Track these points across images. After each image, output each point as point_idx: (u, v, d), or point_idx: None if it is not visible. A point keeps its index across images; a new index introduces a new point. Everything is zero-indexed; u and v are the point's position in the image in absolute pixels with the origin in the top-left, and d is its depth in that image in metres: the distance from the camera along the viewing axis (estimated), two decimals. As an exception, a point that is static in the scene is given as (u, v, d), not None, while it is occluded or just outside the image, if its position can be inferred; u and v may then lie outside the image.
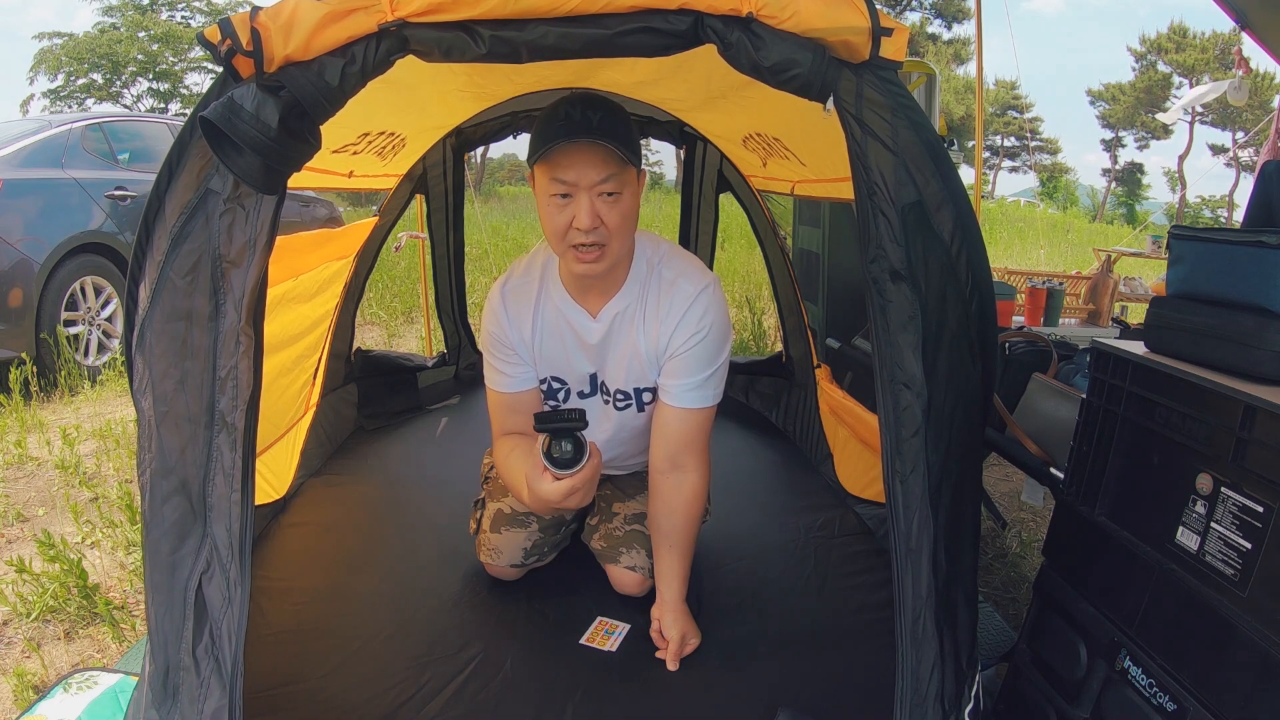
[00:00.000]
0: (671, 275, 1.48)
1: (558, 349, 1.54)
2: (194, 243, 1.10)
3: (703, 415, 1.50)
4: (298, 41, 1.04)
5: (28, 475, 2.82)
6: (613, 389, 1.57)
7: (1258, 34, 3.15)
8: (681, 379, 1.47)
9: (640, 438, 1.65)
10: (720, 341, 1.48)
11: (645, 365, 1.52)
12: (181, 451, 1.11)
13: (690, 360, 1.46)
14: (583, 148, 1.29)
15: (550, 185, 1.33)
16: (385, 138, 2.16)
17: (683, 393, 1.48)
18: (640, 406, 1.58)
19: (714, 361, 1.47)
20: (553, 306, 1.52)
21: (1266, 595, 0.97)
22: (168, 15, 21.80)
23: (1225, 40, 24.10)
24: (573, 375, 1.58)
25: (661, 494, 1.53)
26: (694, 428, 1.50)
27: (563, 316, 1.52)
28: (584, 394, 1.60)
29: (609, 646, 1.55)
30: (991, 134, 31.44)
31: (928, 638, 1.14)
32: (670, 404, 1.49)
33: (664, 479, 1.53)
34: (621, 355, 1.52)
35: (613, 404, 1.59)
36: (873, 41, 1.10)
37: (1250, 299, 1.11)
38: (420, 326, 4.98)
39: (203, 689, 1.09)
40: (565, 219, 1.33)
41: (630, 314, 1.49)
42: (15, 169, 3.81)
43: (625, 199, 1.34)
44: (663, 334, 1.47)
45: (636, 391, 1.56)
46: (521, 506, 1.72)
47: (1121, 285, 3.83)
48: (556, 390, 1.60)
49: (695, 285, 1.46)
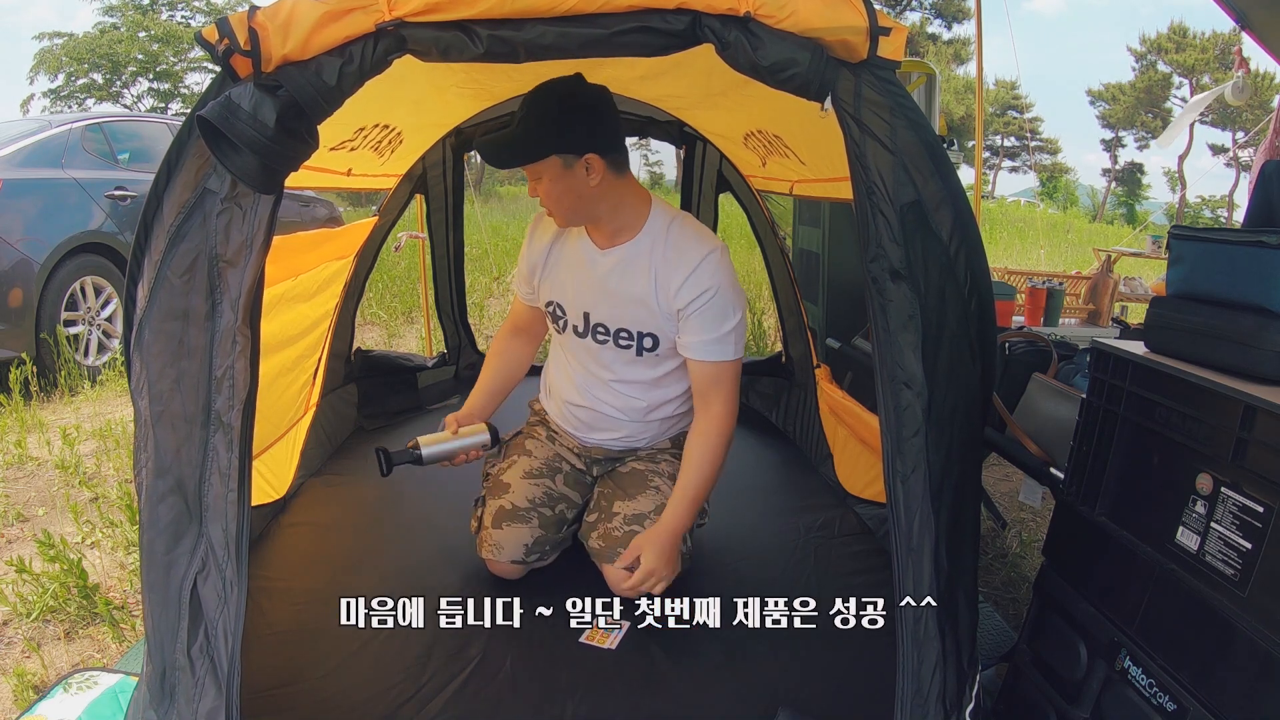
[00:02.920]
0: (680, 235, 1.63)
1: (565, 274, 1.73)
2: (191, 242, 1.10)
3: (725, 366, 1.63)
4: (295, 41, 1.04)
5: (28, 475, 2.82)
6: (613, 328, 1.70)
7: (1258, 34, 3.15)
8: (699, 335, 1.61)
9: (638, 396, 1.75)
10: (731, 301, 1.61)
11: (653, 312, 1.64)
12: (177, 451, 1.11)
13: (704, 318, 1.60)
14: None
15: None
16: (380, 130, 2.15)
17: (702, 347, 1.62)
18: (639, 350, 1.69)
19: (728, 319, 1.60)
20: (573, 237, 1.73)
21: (1266, 595, 0.97)
22: (168, 15, 21.79)
23: (1225, 40, 24.06)
24: (571, 308, 1.74)
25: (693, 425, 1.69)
26: (718, 374, 1.64)
27: (580, 246, 1.71)
28: (579, 331, 1.74)
29: (609, 645, 1.55)
30: (991, 134, 31.42)
31: (929, 637, 1.14)
32: (693, 358, 1.64)
33: (696, 415, 1.69)
34: (629, 296, 1.65)
35: (612, 342, 1.70)
36: (871, 41, 1.10)
37: (1250, 299, 1.10)
38: (420, 326, 4.98)
39: (198, 689, 1.09)
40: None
41: (640, 261, 1.64)
42: (15, 169, 3.81)
43: (545, 181, 1.56)
44: (672, 285, 1.60)
45: (639, 335, 1.68)
46: (523, 502, 1.75)
47: (1121, 285, 3.82)
48: (559, 317, 1.77)
49: (704, 247, 1.61)
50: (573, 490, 1.83)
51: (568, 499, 1.82)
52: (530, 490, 1.78)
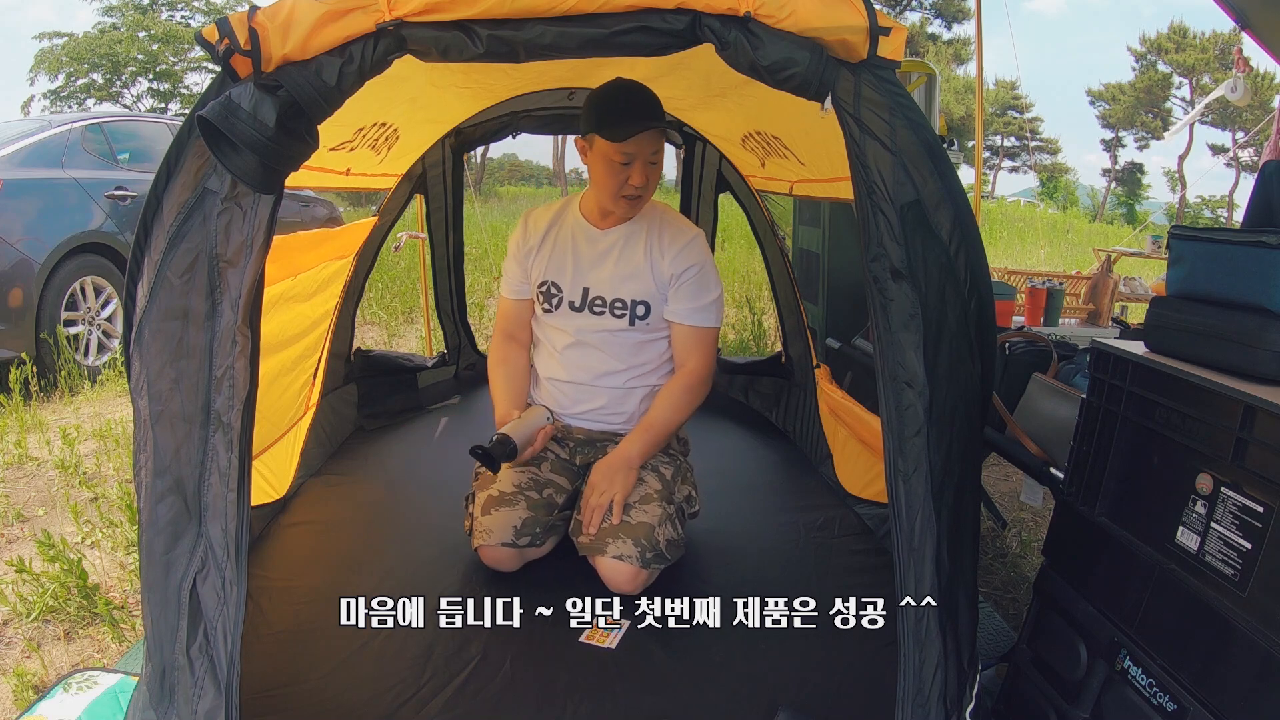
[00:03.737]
0: (670, 218, 1.90)
1: (563, 255, 1.88)
2: (191, 242, 1.10)
3: (704, 331, 1.85)
4: (295, 41, 1.04)
5: (28, 475, 2.82)
6: (610, 299, 1.84)
7: (1258, 34, 3.14)
8: (686, 303, 1.83)
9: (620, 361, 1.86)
10: (713, 277, 1.87)
11: (647, 282, 1.83)
12: (176, 451, 1.11)
13: (692, 287, 1.82)
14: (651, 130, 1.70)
15: (617, 155, 1.70)
16: (378, 129, 2.15)
17: (688, 314, 1.84)
18: (632, 319, 1.85)
19: (711, 291, 1.85)
20: (569, 223, 1.90)
21: (1266, 595, 0.97)
22: (168, 15, 21.75)
23: (1225, 40, 24.04)
24: (568, 284, 1.87)
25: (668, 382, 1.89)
26: (699, 338, 1.86)
27: (576, 228, 1.89)
28: (574, 306, 1.87)
29: (608, 644, 1.55)
30: (991, 134, 31.40)
31: (931, 637, 1.14)
32: (679, 321, 1.85)
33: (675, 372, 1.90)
34: (628, 269, 1.84)
35: (609, 312, 1.85)
36: (870, 41, 1.10)
37: (1250, 299, 1.10)
38: (420, 326, 4.98)
39: (197, 689, 1.09)
40: (623, 178, 1.73)
41: (638, 239, 1.85)
42: (15, 169, 3.81)
43: (660, 163, 1.79)
44: (667, 257, 1.82)
45: (633, 303, 1.84)
46: (509, 488, 1.80)
47: (1121, 285, 3.82)
48: (552, 295, 1.89)
49: (691, 229, 1.89)
50: (560, 476, 1.86)
51: (555, 484, 1.85)
52: (516, 477, 1.82)
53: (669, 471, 1.82)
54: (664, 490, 1.77)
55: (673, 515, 1.75)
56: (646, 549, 1.67)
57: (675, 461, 1.88)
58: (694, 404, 1.84)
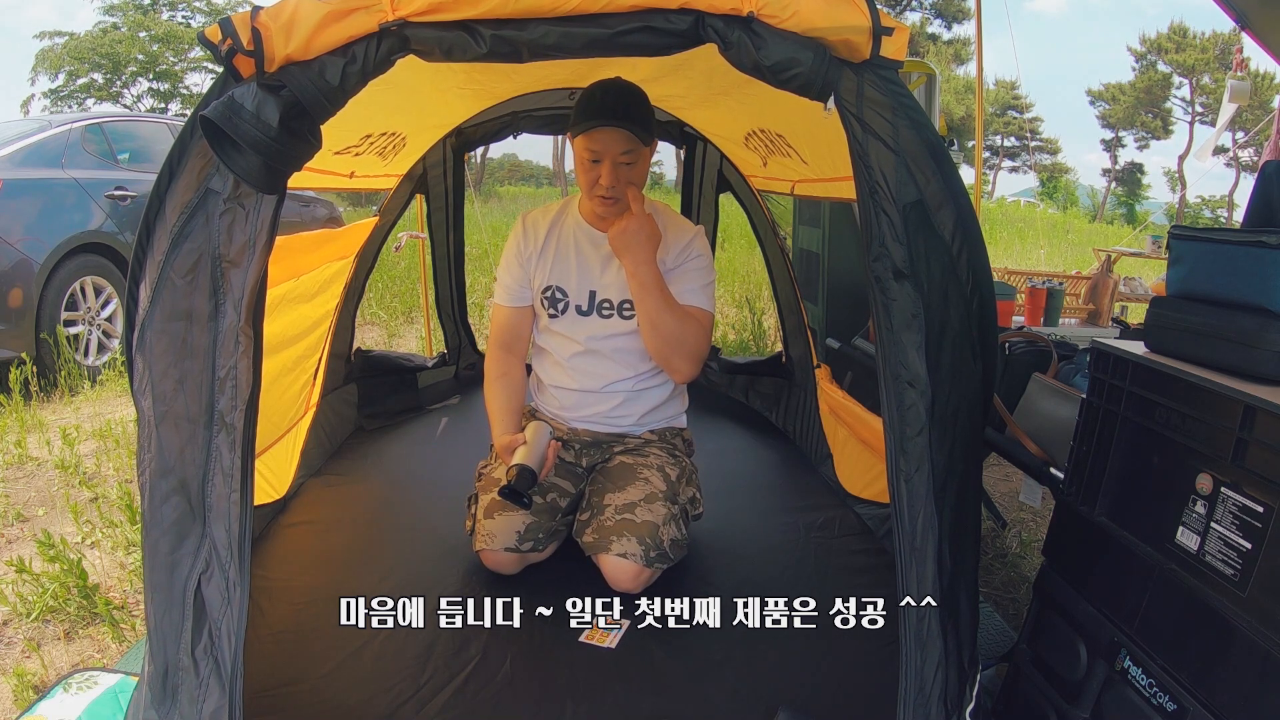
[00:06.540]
0: (671, 217, 1.92)
1: (567, 259, 1.87)
2: (194, 242, 1.10)
3: (700, 311, 1.85)
4: (298, 41, 1.04)
5: (28, 475, 2.82)
6: (618, 301, 1.85)
7: (1258, 34, 3.15)
8: (685, 285, 1.84)
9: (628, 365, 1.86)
10: (710, 264, 1.91)
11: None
12: (180, 451, 1.11)
13: (693, 272, 1.85)
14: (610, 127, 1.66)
15: (585, 152, 1.70)
16: (386, 138, 2.16)
17: (687, 294, 1.84)
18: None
19: (707, 276, 1.88)
20: (570, 226, 1.89)
21: (1266, 595, 0.97)
22: (168, 15, 21.73)
23: (1225, 40, 24.05)
24: (573, 288, 1.86)
25: None
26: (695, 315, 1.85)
27: (578, 232, 1.89)
28: (581, 310, 1.86)
29: (608, 644, 1.55)
30: (991, 134, 31.40)
31: (932, 637, 1.14)
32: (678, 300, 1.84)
33: None
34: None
35: (616, 314, 1.85)
36: (873, 41, 1.10)
37: (1250, 299, 1.10)
38: (420, 326, 4.98)
39: (202, 689, 1.09)
40: (594, 176, 1.72)
41: None
42: (15, 169, 3.80)
43: (638, 165, 1.75)
44: (672, 251, 1.84)
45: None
46: None
47: (1121, 285, 3.83)
48: (557, 300, 1.87)
49: (692, 227, 1.92)
50: (564, 480, 1.86)
51: (559, 488, 1.84)
52: None
53: (674, 472, 1.82)
54: (669, 490, 1.77)
55: (677, 515, 1.75)
56: (650, 548, 1.67)
57: (680, 463, 1.88)
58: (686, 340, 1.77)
